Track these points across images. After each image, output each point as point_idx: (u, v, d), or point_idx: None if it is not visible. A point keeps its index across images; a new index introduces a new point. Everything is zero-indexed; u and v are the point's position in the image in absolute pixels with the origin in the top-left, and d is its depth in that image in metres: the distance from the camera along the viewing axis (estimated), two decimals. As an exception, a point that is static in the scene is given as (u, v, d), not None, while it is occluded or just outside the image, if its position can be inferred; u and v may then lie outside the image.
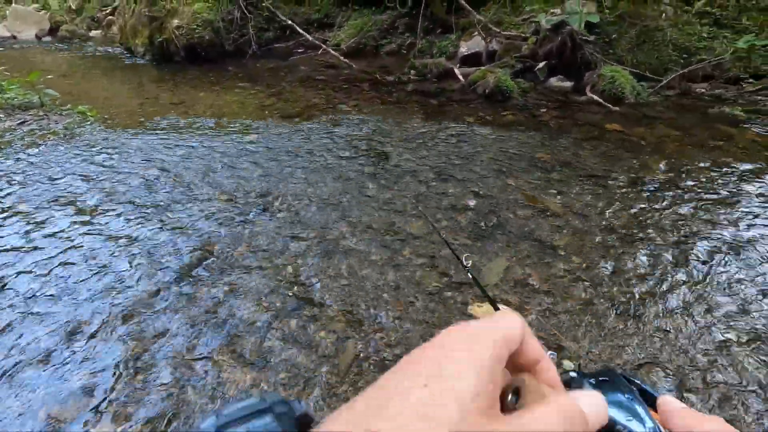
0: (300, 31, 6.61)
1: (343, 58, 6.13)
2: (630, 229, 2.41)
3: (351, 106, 4.54)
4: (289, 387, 1.53)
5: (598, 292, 1.97)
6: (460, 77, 5.20)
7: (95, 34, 9.61)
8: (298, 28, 6.63)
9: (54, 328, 1.78)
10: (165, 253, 2.23)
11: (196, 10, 6.42)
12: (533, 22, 5.59)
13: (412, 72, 5.56)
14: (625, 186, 2.86)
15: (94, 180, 2.98)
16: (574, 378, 0.36)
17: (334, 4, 7.64)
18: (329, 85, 5.31)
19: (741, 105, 4.25)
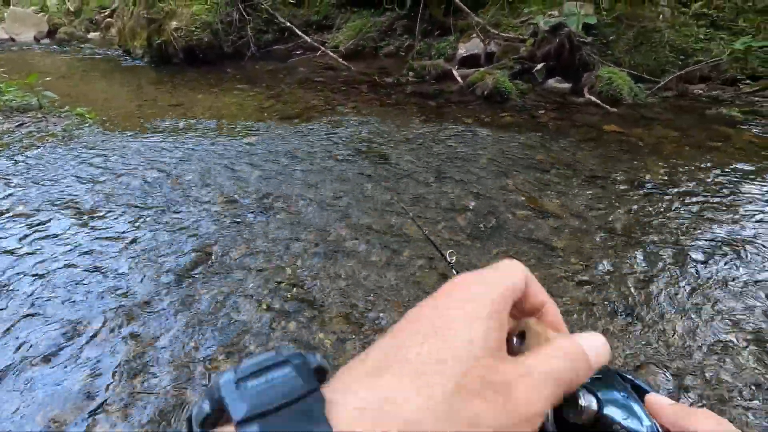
0: (299, 33, 6.62)
1: (341, 60, 6.15)
2: (629, 230, 2.41)
3: (350, 107, 4.54)
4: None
5: (597, 293, 1.97)
6: (458, 79, 5.21)
7: (94, 36, 9.62)
8: (296, 30, 6.65)
9: (52, 330, 1.77)
10: (164, 254, 2.23)
11: (195, 12, 6.42)
12: (531, 24, 5.61)
13: (411, 74, 5.57)
14: (624, 187, 2.87)
15: (93, 182, 2.97)
16: None
17: (333, 6, 7.66)
18: (328, 86, 5.31)
19: (738, 106, 4.26)
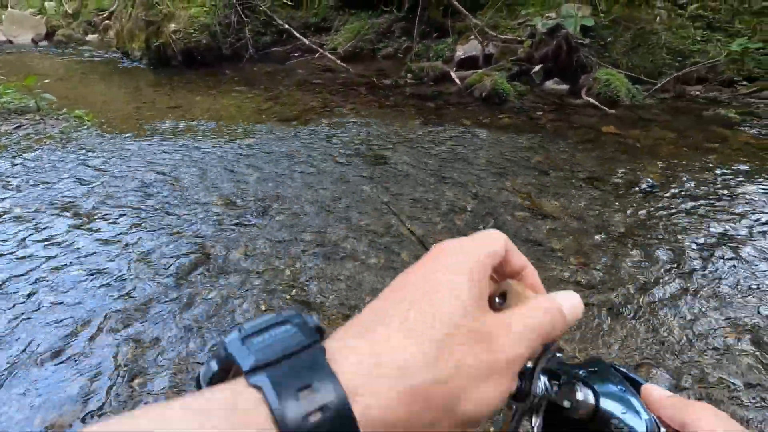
0: (297, 35, 6.63)
1: (340, 62, 6.16)
2: (627, 231, 2.42)
3: (348, 109, 4.54)
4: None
5: (595, 293, 1.98)
6: (456, 80, 5.22)
7: (92, 38, 9.61)
8: (295, 32, 6.65)
9: (51, 332, 1.77)
10: (163, 256, 2.22)
11: (193, 15, 6.42)
12: (529, 26, 5.62)
13: (409, 75, 5.57)
14: (622, 188, 2.87)
15: (91, 184, 2.97)
16: (566, 371, 0.34)
17: (331, 8, 7.67)
18: (326, 88, 5.32)
19: (735, 107, 4.28)
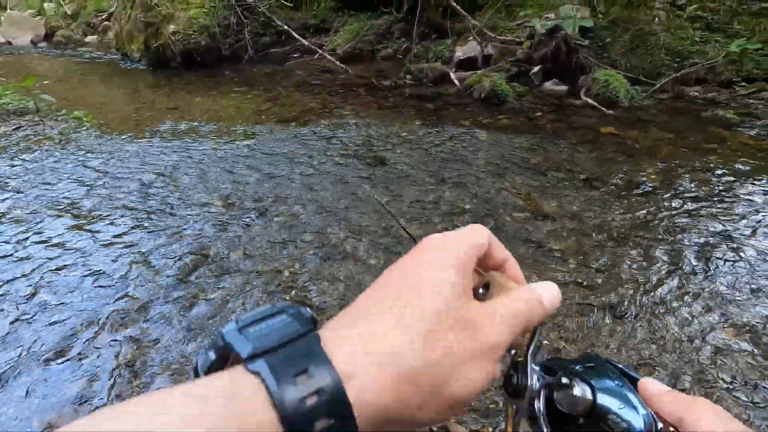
0: (296, 36, 6.63)
1: (339, 63, 6.16)
2: (626, 231, 2.42)
3: (348, 110, 4.55)
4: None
5: (595, 294, 1.98)
6: (455, 81, 5.22)
7: (91, 39, 9.60)
8: (294, 33, 6.66)
9: (50, 333, 1.76)
10: (162, 257, 2.22)
11: (192, 16, 6.42)
12: (528, 27, 5.63)
13: (408, 76, 5.58)
14: (621, 188, 2.88)
15: (90, 185, 2.96)
16: (564, 368, 0.34)
17: (330, 10, 7.67)
18: (326, 89, 5.32)
19: (734, 108, 4.29)
